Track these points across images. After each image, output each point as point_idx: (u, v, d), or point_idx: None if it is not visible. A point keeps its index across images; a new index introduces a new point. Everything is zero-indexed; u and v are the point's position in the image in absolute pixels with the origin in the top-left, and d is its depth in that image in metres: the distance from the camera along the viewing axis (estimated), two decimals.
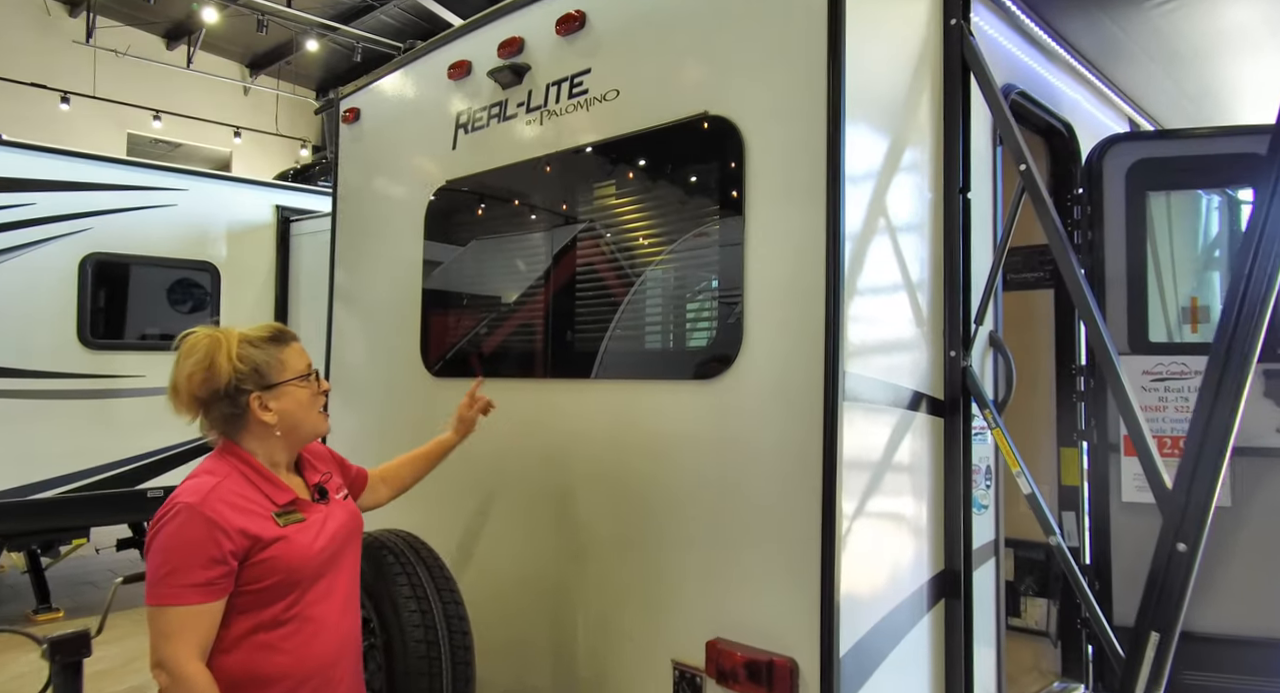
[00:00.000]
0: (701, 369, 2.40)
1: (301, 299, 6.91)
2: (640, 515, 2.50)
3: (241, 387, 1.99)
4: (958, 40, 2.49)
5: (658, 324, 2.69)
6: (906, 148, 2.40)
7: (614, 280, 2.72)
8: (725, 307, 2.38)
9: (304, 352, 2.14)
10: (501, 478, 2.97)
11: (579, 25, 2.76)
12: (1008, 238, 2.48)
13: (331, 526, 2.10)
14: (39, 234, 5.85)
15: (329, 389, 2.21)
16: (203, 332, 2.03)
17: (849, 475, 2.08)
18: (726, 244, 2.38)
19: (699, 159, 2.50)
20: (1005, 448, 2.34)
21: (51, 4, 15.39)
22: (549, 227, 2.92)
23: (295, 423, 2.07)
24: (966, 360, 2.45)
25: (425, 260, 3.33)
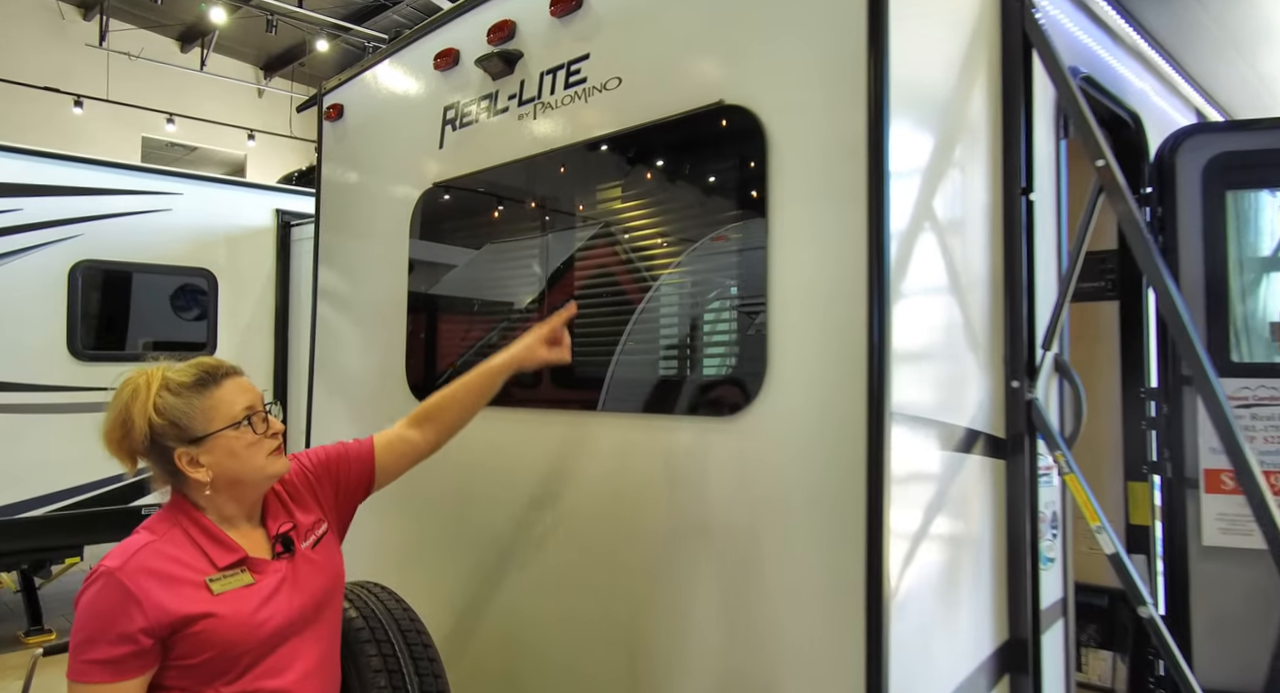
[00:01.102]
0: (716, 404, 2.04)
1: (303, 306, 6.62)
2: (644, 592, 2.14)
3: (164, 443, 1.71)
4: (1018, 14, 2.12)
5: (668, 350, 2.33)
6: (958, 141, 2.03)
7: (620, 296, 2.37)
8: (746, 332, 2.02)
9: (244, 388, 1.81)
10: (491, 530, 2.62)
11: (576, 5, 2.41)
12: (1082, 247, 2.10)
13: (291, 589, 1.80)
14: (26, 241, 5.60)
15: (281, 430, 1.87)
16: (130, 377, 1.75)
17: (897, 540, 1.71)
18: (746, 253, 2.02)
19: (714, 155, 2.15)
20: (1082, 498, 1.96)
21: (65, 7, 15.27)
22: (545, 235, 2.57)
23: (234, 476, 1.76)
24: (1032, 392, 2.07)
25: (410, 284, 2.98)
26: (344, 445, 2.10)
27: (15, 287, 5.48)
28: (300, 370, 6.55)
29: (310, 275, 6.51)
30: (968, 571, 1.97)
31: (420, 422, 2.17)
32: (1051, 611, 2.20)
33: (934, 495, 1.87)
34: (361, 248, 3.31)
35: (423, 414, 2.17)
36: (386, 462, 2.11)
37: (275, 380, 6.72)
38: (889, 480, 1.70)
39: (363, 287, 3.31)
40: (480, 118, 2.73)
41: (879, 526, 1.69)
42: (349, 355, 3.38)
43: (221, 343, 6.41)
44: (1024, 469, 2.08)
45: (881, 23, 1.74)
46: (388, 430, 2.17)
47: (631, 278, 2.34)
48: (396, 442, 2.14)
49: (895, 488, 1.72)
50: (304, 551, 1.87)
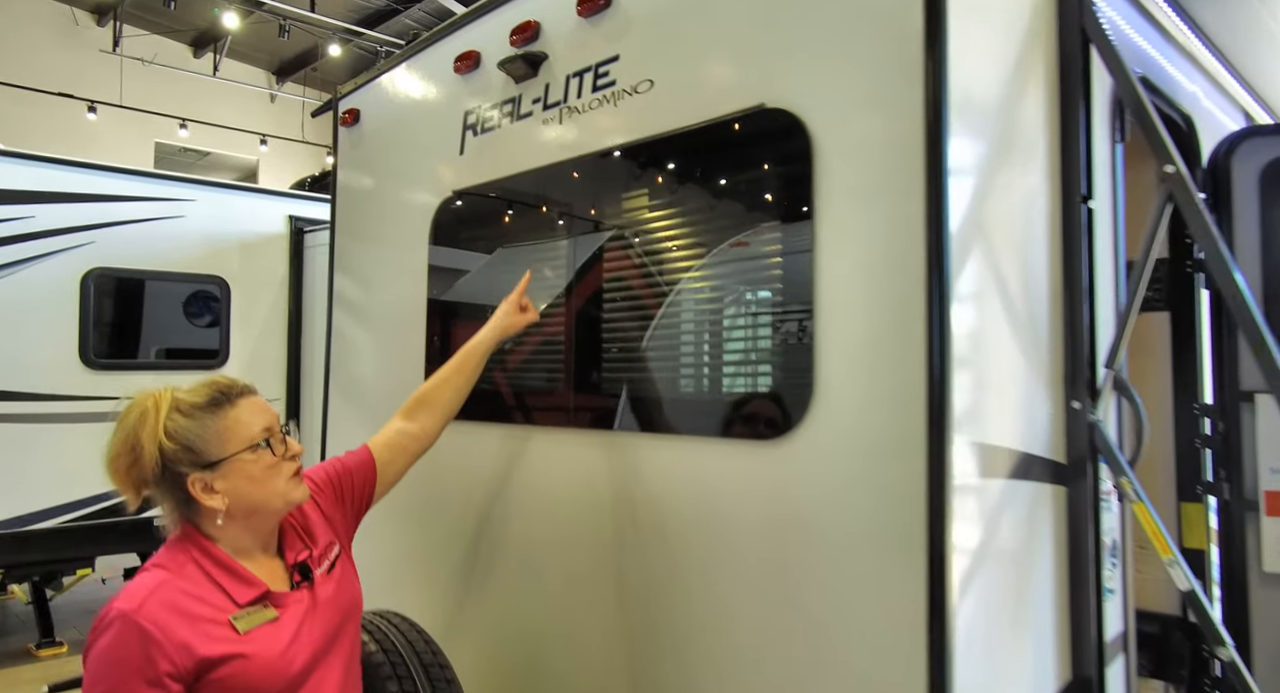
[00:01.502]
0: (757, 426, 1.92)
1: (317, 312, 6.53)
2: (677, 628, 2.02)
3: (176, 469, 1.59)
4: (1076, 10, 1.99)
5: (703, 366, 2.21)
6: (1015, 145, 1.91)
7: (649, 307, 2.25)
8: (789, 345, 1.89)
9: (261, 408, 1.70)
10: (511, 555, 2.50)
11: (604, 4, 2.29)
12: (1149, 259, 1.96)
13: (316, 618, 1.71)
14: (38, 248, 5.53)
15: (301, 451, 1.76)
16: (138, 399, 1.63)
17: (961, 577, 1.58)
18: (790, 263, 1.89)
19: (752, 162, 2.03)
20: (1152, 529, 1.83)
21: (79, 13, 15.30)
22: (570, 246, 2.45)
23: (252, 503, 1.66)
24: (1094, 414, 1.94)
25: (430, 292, 2.87)
26: (341, 461, 2.02)
27: (27, 295, 5.42)
28: (314, 378, 6.47)
29: (323, 282, 6.45)
30: (1030, 607, 1.84)
31: (413, 412, 2.15)
32: (1113, 645, 2.06)
33: (996, 528, 1.74)
34: (379, 255, 3.20)
35: (415, 403, 2.16)
36: (387, 461, 2.07)
37: (289, 387, 6.64)
38: (951, 513, 1.58)
39: (380, 294, 3.20)
40: (503, 123, 2.61)
41: (942, 562, 1.56)
42: (365, 363, 3.28)
43: (234, 350, 6.34)
44: (1086, 496, 1.94)
45: (940, 22, 1.62)
46: (382, 430, 2.12)
47: (663, 288, 2.22)
48: (395, 438, 2.10)
49: (957, 521, 1.59)
50: (321, 577, 1.78)
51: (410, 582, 2.85)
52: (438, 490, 2.76)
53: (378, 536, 2.94)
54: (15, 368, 5.38)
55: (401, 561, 2.91)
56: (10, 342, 5.35)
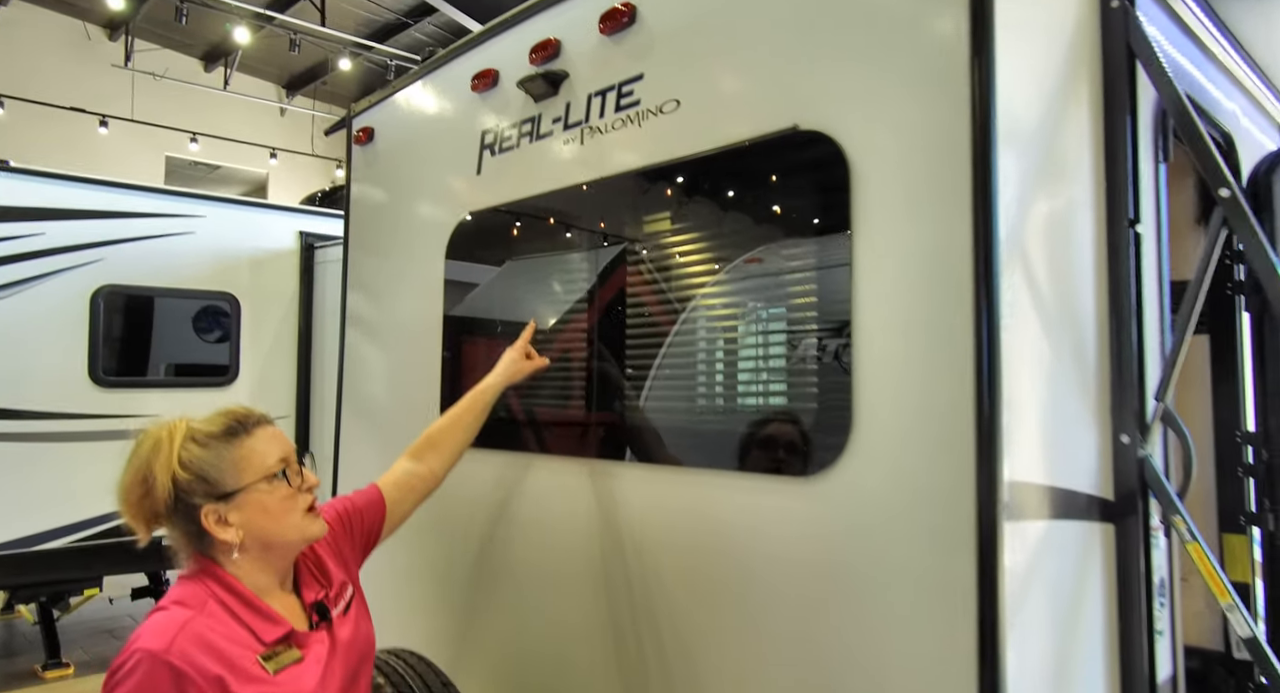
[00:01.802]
0: (790, 461, 1.84)
1: (327, 329, 6.48)
2: (703, 673, 1.93)
3: (189, 500, 1.54)
4: (1121, 25, 1.91)
5: (733, 398, 2.13)
6: (1059, 167, 1.83)
7: (674, 337, 2.17)
8: (825, 375, 1.81)
9: (277, 438, 1.66)
10: (526, 589, 2.41)
11: (628, 21, 2.23)
12: (1201, 286, 1.88)
13: (337, 660, 1.65)
14: (48, 266, 5.50)
15: (317, 483, 1.71)
16: (151, 430, 1.59)
17: (1011, 626, 1.50)
18: (828, 293, 1.82)
19: (786, 187, 1.95)
20: (1209, 571, 1.73)
21: (91, 28, 15.37)
22: (592, 272, 2.38)
23: (267, 537, 1.60)
24: (1144, 448, 1.85)
25: (446, 315, 2.80)
26: (350, 499, 2.00)
27: (37, 313, 5.38)
28: (324, 394, 6.41)
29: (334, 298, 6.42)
30: (1081, 651, 1.74)
31: (422, 453, 2.15)
32: (1164, 689, 1.96)
33: (1046, 570, 1.65)
34: (394, 277, 3.13)
35: (424, 445, 2.16)
36: (396, 500, 2.05)
37: (298, 404, 6.59)
38: (1003, 555, 1.49)
39: (394, 315, 3.13)
40: (521, 143, 2.55)
41: (993, 607, 1.48)
42: (379, 382, 3.21)
43: (244, 367, 6.29)
44: (1136, 534, 1.85)
45: (987, 41, 1.55)
46: (390, 470, 2.11)
47: (689, 315, 2.14)
48: (403, 478, 2.09)
49: (1008, 563, 1.51)
50: (339, 617, 1.73)
51: (422, 614, 2.77)
52: (448, 520, 2.68)
53: (388, 567, 2.87)
54: (24, 386, 5.34)
55: (413, 592, 2.83)
56: (19, 360, 5.31)
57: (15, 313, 5.29)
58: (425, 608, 2.78)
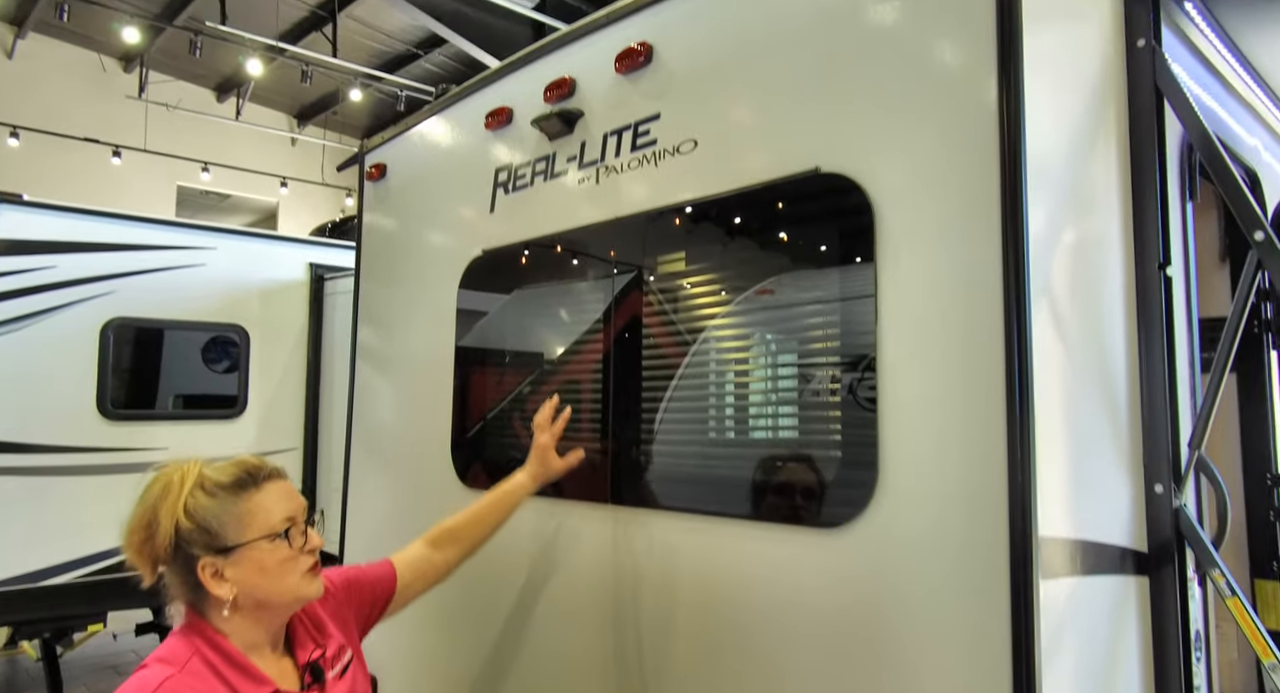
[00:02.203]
0: (813, 512, 1.78)
1: (336, 360, 6.46)
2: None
3: (189, 550, 1.50)
4: (1149, 65, 1.88)
5: (751, 444, 2.08)
6: (1088, 210, 1.79)
7: (694, 383, 2.13)
8: (849, 424, 1.77)
9: (287, 494, 1.61)
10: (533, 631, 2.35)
11: (644, 61, 2.21)
12: (1237, 332, 1.83)
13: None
14: (59, 299, 5.49)
15: (321, 545, 1.65)
16: (163, 471, 1.56)
17: (1048, 688, 1.43)
18: (851, 342, 1.77)
19: (807, 231, 1.92)
20: (1250, 629, 1.67)
21: (107, 61, 15.57)
22: (607, 312, 2.34)
23: (261, 596, 1.55)
24: (1179, 498, 1.79)
25: (457, 358, 2.76)
26: (361, 569, 1.96)
27: (46, 345, 5.36)
28: (332, 426, 6.37)
29: (343, 329, 6.40)
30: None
31: (441, 542, 2.10)
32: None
33: (1082, 627, 1.59)
34: (406, 314, 3.10)
35: (444, 535, 2.11)
36: (407, 582, 2.01)
37: (306, 435, 6.55)
38: (1039, 614, 1.43)
39: (406, 352, 3.10)
40: (535, 181, 2.52)
41: (1029, 669, 1.41)
42: (390, 415, 3.16)
43: (252, 399, 6.25)
44: (1172, 587, 1.79)
45: (1016, 81, 1.52)
46: (406, 550, 2.06)
47: (708, 363, 2.10)
48: (418, 561, 2.05)
49: (1044, 622, 1.45)
50: (333, 680, 1.68)
51: (434, 658, 2.71)
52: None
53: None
54: (33, 420, 5.32)
55: (425, 636, 2.77)
56: (29, 393, 5.29)
57: (26, 345, 5.28)
58: (437, 652, 2.72)
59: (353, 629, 1.85)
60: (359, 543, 3.24)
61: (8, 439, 5.20)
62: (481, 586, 2.54)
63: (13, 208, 5.32)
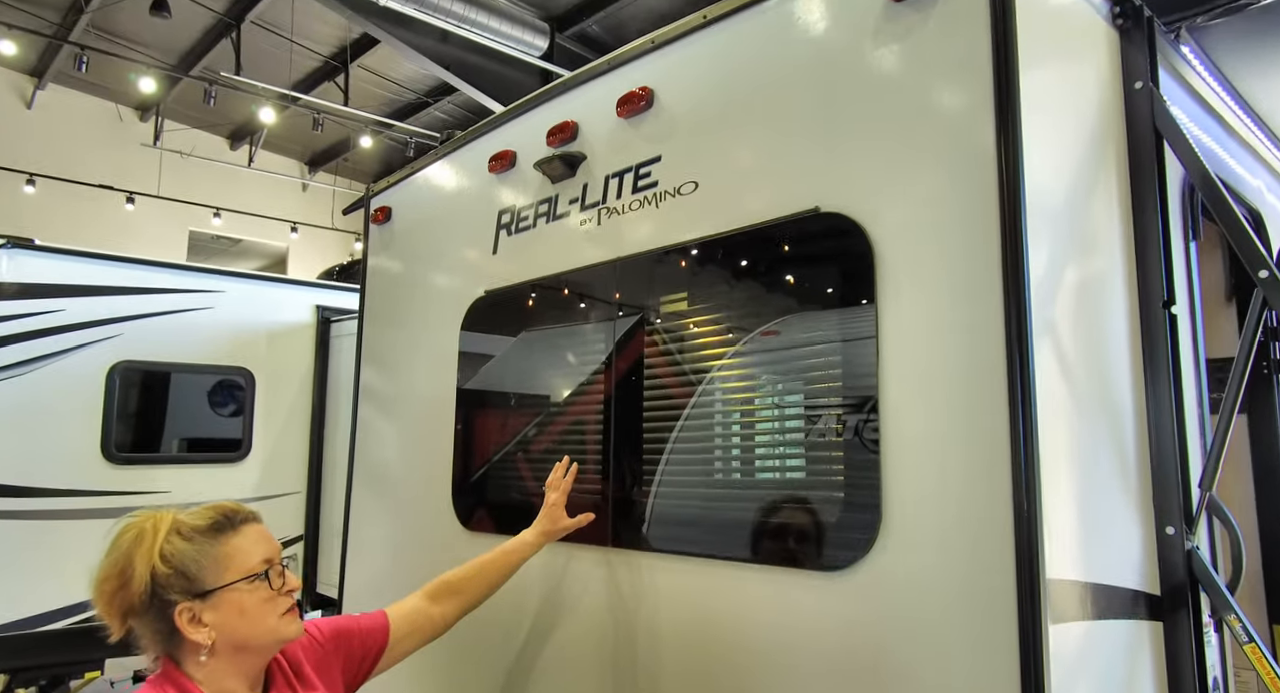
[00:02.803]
0: (814, 555, 1.75)
1: (341, 402, 6.45)
2: None
3: (165, 596, 1.48)
4: (1147, 107, 1.89)
5: (755, 489, 2.05)
6: (1092, 252, 1.78)
7: (697, 425, 2.11)
8: (853, 468, 1.74)
9: (263, 537, 1.61)
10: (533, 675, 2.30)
11: (645, 105, 2.23)
12: (1245, 371, 1.81)
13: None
14: (67, 342, 5.52)
15: (298, 586, 1.63)
16: (136, 520, 1.55)
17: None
18: (853, 385, 1.76)
19: (807, 269, 1.92)
20: (1270, 677, 1.62)
21: (123, 110, 15.89)
22: (607, 352, 2.33)
23: (240, 639, 1.54)
24: (1191, 540, 1.75)
25: (459, 399, 2.76)
26: (354, 618, 1.92)
27: (53, 389, 5.37)
28: (335, 469, 6.33)
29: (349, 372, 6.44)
30: None
31: (440, 596, 2.05)
32: None
33: (1090, 673, 1.55)
34: (408, 356, 3.10)
35: (444, 588, 2.06)
36: (401, 635, 1.95)
37: (310, 478, 6.51)
38: (1048, 661, 1.39)
39: (409, 392, 3.09)
40: (538, 223, 2.54)
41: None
42: (392, 459, 3.14)
43: (256, 442, 6.24)
44: (1186, 631, 1.74)
45: (1013, 121, 1.53)
46: (403, 602, 2.02)
47: (709, 405, 2.08)
48: (414, 615, 1.99)
49: (1054, 673, 1.41)
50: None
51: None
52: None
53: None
54: (38, 463, 5.30)
55: (422, 676, 2.71)
56: (34, 436, 5.28)
57: (33, 388, 5.29)
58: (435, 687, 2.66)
59: (338, 681, 1.81)
60: (358, 586, 3.20)
61: (12, 482, 5.19)
62: (480, 626, 2.49)
63: (23, 252, 5.38)
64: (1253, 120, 2.54)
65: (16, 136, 14.39)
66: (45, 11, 12.14)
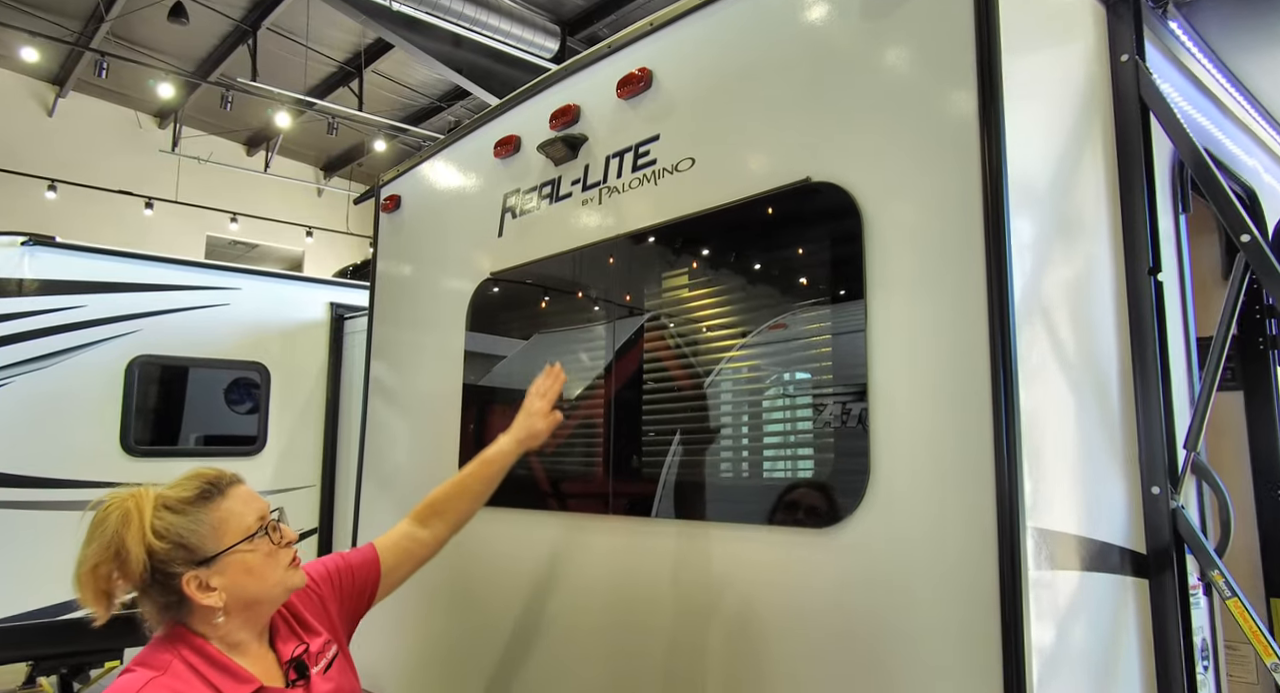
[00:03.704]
0: (808, 514, 1.80)
1: (354, 398, 6.54)
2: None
3: (168, 569, 1.51)
4: (1133, 79, 1.94)
5: (749, 450, 2.10)
6: (1077, 219, 1.83)
7: (690, 391, 2.17)
8: (842, 428, 1.79)
9: (250, 497, 1.64)
10: (544, 641, 2.36)
11: (644, 86, 2.29)
12: (1229, 333, 1.85)
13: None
14: (87, 337, 5.63)
15: (294, 539, 1.68)
16: (115, 500, 1.56)
17: (1039, 684, 1.43)
18: (841, 345, 1.81)
19: (800, 237, 1.97)
20: (1252, 629, 1.65)
21: (143, 117, 16.14)
22: (609, 326, 2.39)
23: (251, 596, 1.59)
24: (1176, 499, 1.79)
25: (466, 377, 2.82)
26: (344, 557, 1.95)
27: (73, 382, 5.48)
28: (349, 463, 6.42)
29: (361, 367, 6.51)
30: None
31: (426, 518, 2.06)
32: None
33: (1075, 625, 1.59)
34: (416, 340, 3.17)
35: (429, 510, 2.07)
36: (392, 566, 1.99)
37: (324, 473, 6.60)
38: (1029, 612, 1.44)
39: (416, 379, 3.16)
40: (541, 205, 2.60)
41: (1019, 670, 1.41)
42: (399, 449, 3.21)
43: (271, 436, 6.33)
44: (1172, 589, 1.78)
45: (995, 91, 1.58)
46: (390, 532, 2.04)
47: (707, 374, 2.14)
48: (402, 541, 2.02)
49: (1034, 621, 1.45)
50: (318, 676, 1.70)
51: (443, 671, 2.71)
52: (471, 578, 2.64)
53: (408, 625, 2.82)
54: (58, 455, 5.41)
55: (434, 649, 2.77)
56: (55, 429, 5.39)
57: (54, 382, 5.40)
58: (455, 664, 2.72)
59: (338, 624, 1.86)
60: None
61: (34, 474, 5.30)
62: (486, 585, 2.55)
63: (46, 249, 5.51)
64: (1246, 99, 2.58)
65: (39, 143, 14.66)
66: (67, 20, 12.37)
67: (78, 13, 12.20)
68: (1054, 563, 1.54)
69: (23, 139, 14.50)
